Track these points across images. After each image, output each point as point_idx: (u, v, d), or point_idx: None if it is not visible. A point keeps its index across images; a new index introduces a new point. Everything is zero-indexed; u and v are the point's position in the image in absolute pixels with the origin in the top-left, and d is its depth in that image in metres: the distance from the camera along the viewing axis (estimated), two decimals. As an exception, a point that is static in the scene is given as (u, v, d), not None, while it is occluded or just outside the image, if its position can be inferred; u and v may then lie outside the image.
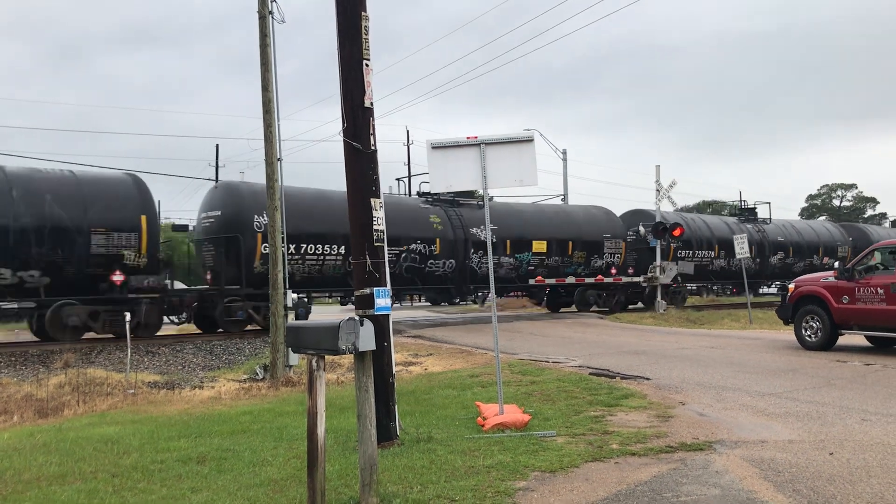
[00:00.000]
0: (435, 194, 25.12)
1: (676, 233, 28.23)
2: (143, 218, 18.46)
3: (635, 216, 32.70)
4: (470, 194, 26.92)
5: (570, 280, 28.09)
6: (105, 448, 7.64)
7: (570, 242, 28.14)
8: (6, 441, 8.28)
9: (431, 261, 24.35)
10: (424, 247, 24.09)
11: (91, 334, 18.14)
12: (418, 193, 26.74)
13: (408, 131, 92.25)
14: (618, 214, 31.38)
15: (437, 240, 24.45)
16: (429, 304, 40.95)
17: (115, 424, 9.20)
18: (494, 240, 25.35)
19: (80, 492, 5.94)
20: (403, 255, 23.51)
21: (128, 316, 15.08)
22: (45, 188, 17.30)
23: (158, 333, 19.07)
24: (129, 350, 14.90)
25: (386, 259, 7.59)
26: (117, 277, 17.74)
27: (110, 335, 18.09)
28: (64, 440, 8.12)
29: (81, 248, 17.47)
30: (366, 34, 7.43)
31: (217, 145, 47.65)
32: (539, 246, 27.10)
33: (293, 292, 17.05)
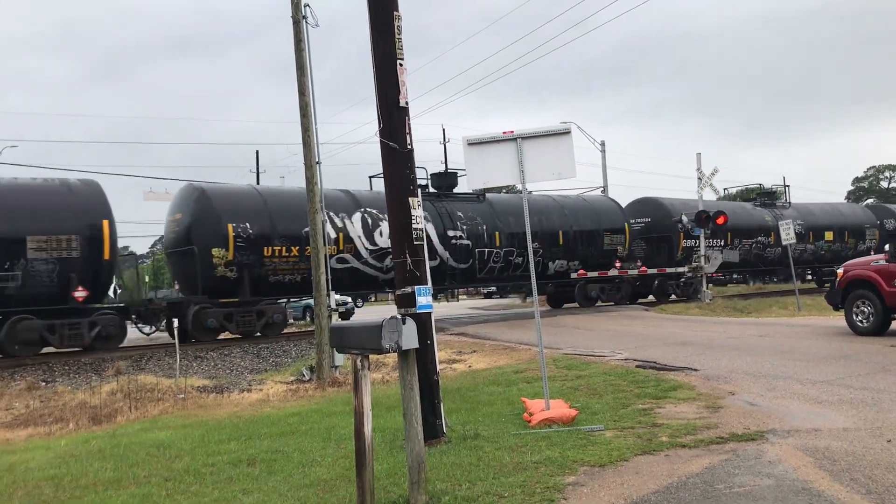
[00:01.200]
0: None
1: (720, 221, 27.79)
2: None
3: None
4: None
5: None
6: (157, 452, 7.77)
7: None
8: (63, 448, 8.47)
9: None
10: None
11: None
12: None
13: (444, 129, 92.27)
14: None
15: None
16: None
17: (166, 429, 9.35)
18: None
19: (135, 496, 6.05)
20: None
21: (175, 322, 15.34)
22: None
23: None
24: (177, 356, 15.15)
25: (426, 257, 7.59)
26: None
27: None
28: (118, 446, 8.28)
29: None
30: (399, 33, 7.43)
31: (257, 151, 48.18)
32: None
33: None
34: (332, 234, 20.91)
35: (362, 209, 22.31)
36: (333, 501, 5.52)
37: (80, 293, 17.34)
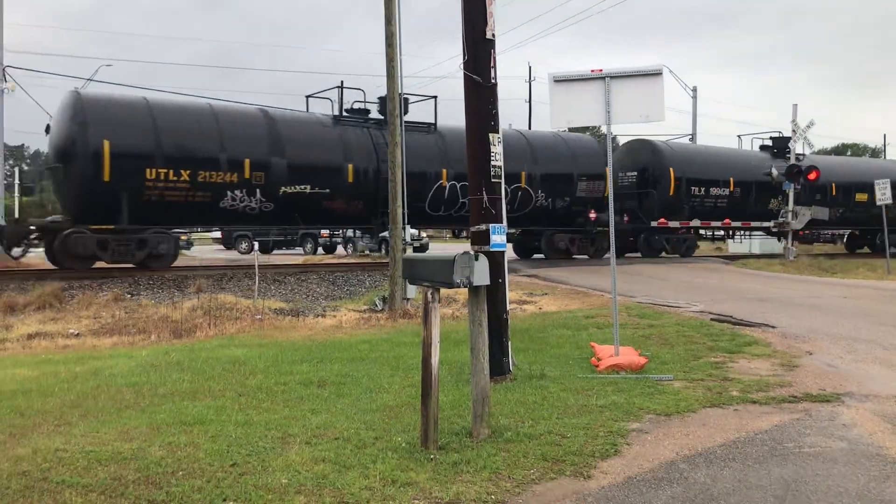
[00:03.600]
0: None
1: (811, 176, 26.71)
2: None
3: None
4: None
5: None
6: (233, 369, 8.05)
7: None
8: (144, 358, 8.86)
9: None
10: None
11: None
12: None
13: (530, 67, 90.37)
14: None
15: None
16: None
17: (242, 347, 9.67)
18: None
19: (209, 408, 6.29)
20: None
21: (256, 245, 15.69)
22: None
23: (281, 263, 19.52)
24: (256, 278, 15.57)
25: (503, 195, 7.52)
26: None
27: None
28: (195, 360, 8.61)
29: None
30: (489, -37, 7.24)
31: (342, 81, 48.10)
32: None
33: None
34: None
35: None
36: (398, 427, 5.62)
37: None
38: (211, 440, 5.33)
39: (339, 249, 37.19)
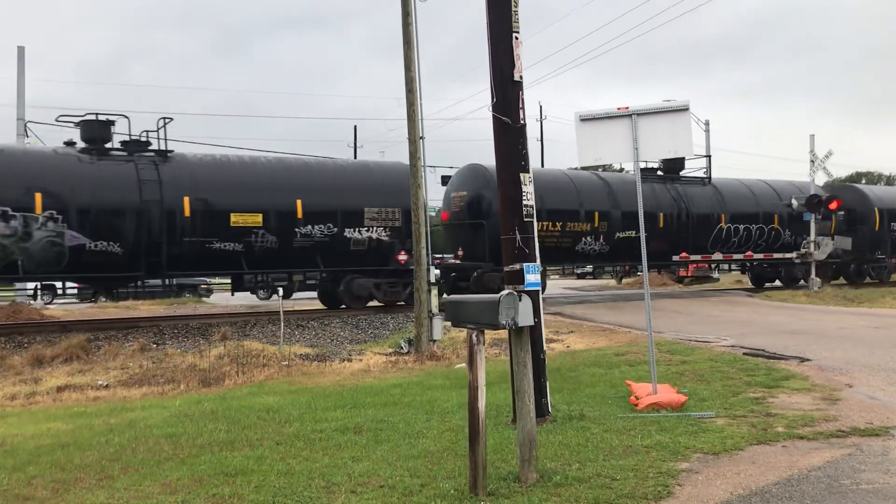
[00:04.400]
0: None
1: (833, 206, 26.56)
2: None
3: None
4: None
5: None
6: (267, 417, 8.00)
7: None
8: (178, 408, 8.82)
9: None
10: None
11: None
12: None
13: (541, 106, 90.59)
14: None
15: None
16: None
17: (273, 394, 9.62)
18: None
19: (249, 458, 6.23)
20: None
21: (280, 291, 15.74)
22: None
23: (304, 308, 19.48)
24: (281, 324, 15.56)
25: (535, 234, 7.50)
26: None
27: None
28: (229, 408, 8.57)
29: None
30: (515, 6, 7.31)
31: (355, 126, 48.64)
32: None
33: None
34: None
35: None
36: (442, 473, 5.54)
37: None
38: (255, 491, 5.27)
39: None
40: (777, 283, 30.14)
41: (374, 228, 20.03)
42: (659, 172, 26.17)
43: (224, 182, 18.41)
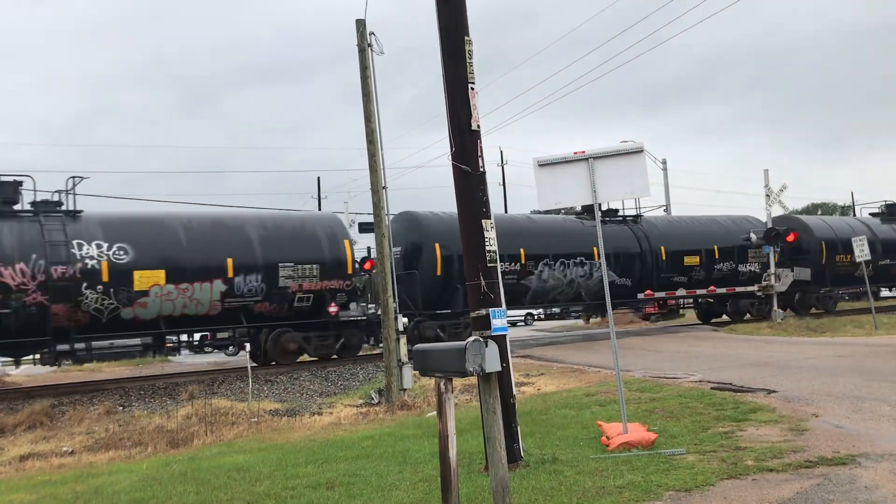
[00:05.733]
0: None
1: (790, 238, 27.11)
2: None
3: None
4: None
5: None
6: (237, 476, 7.88)
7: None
8: (145, 471, 8.66)
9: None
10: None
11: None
12: None
13: (501, 152, 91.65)
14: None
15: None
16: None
17: (243, 453, 9.48)
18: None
19: (220, 519, 6.12)
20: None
21: (248, 347, 15.58)
22: None
23: (272, 363, 19.28)
24: (249, 380, 15.38)
25: (500, 279, 7.57)
26: None
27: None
28: (198, 469, 8.42)
29: None
30: (470, 58, 7.49)
31: (318, 178, 48.89)
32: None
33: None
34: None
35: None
36: (417, 526, 5.50)
37: None
38: (227, 553, 5.17)
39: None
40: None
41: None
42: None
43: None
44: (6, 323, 16.20)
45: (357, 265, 21.16)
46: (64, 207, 17.70)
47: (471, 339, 5.11)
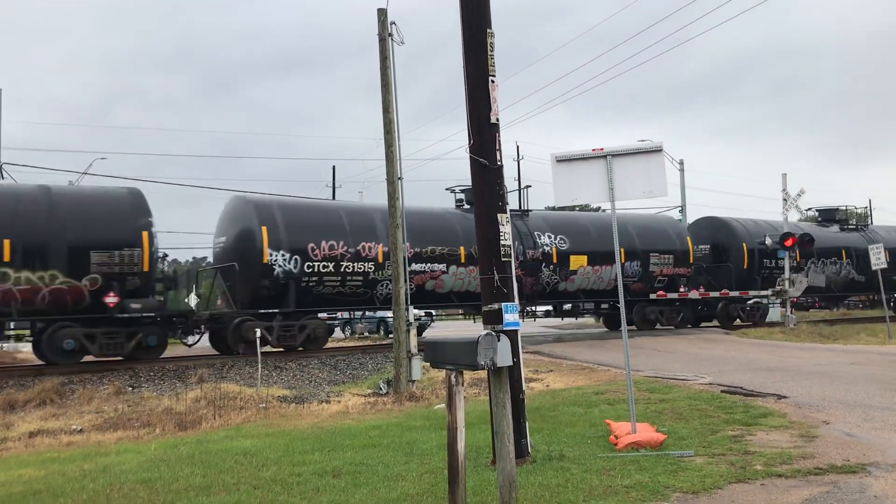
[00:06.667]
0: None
1: (788, 243, 26.90)
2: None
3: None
4: None
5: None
6: (244, 460, 7.90)
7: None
8: (153, 452, 8.70)
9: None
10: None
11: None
12: None
13: (518, 147, 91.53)
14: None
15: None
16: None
17: (250, 437, 9.51)
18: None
19: (226, 503, 6.14)
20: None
21: (258, 332, 15.63)
22: None
23: (280, 350, 19.31)
24: (259, 365, 15.43)
25: (514, 274, 7.55)
26: None
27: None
28: (205, 452, 8.45)
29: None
30: (491, 50, 7.45)
31: (333, 167, 48.80)
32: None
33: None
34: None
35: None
36: (422, 517, 5.49)
37: None
38: (232, 537, 5.19)
39: (337, 332, 36.98)
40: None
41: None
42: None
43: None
44: None
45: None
46: None
47: (483, 332, 5.10)
